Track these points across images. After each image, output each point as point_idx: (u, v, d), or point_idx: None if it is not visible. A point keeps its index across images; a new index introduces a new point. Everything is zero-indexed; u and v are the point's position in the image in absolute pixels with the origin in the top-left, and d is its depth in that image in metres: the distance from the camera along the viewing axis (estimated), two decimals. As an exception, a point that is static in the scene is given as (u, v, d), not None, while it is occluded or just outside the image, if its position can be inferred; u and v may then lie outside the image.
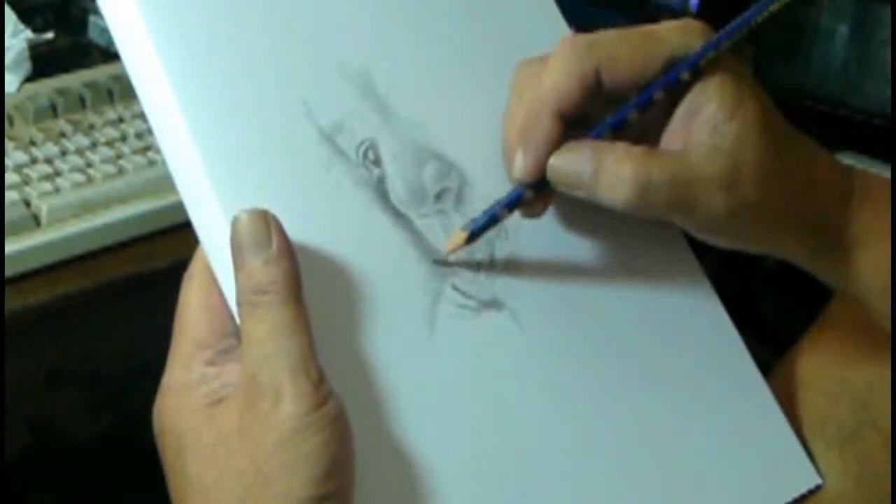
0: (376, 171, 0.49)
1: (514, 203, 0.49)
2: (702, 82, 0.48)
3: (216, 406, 0.44)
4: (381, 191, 0.48)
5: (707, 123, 0.48)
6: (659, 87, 0.48)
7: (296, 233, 0.45)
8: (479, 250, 0.50)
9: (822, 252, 0.52)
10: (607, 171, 0.47)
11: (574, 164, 0.48)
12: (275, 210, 0.45)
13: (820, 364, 0.57)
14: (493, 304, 0.50)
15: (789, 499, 0.54)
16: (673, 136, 0.49)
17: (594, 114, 0.49)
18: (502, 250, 0.50)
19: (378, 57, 0.50)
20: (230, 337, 0.45)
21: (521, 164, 0.48)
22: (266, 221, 0.44)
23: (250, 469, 0.42)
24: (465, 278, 0.49)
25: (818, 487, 0.55)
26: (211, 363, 0.45)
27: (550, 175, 0.48)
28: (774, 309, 0.55)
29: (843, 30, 1.02)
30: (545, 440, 0.49)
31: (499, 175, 0.51)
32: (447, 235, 0.49)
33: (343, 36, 0.50)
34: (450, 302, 0.49)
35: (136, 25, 0.46)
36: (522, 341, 0.50)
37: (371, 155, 0.49)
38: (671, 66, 0.48)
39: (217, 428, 0.43)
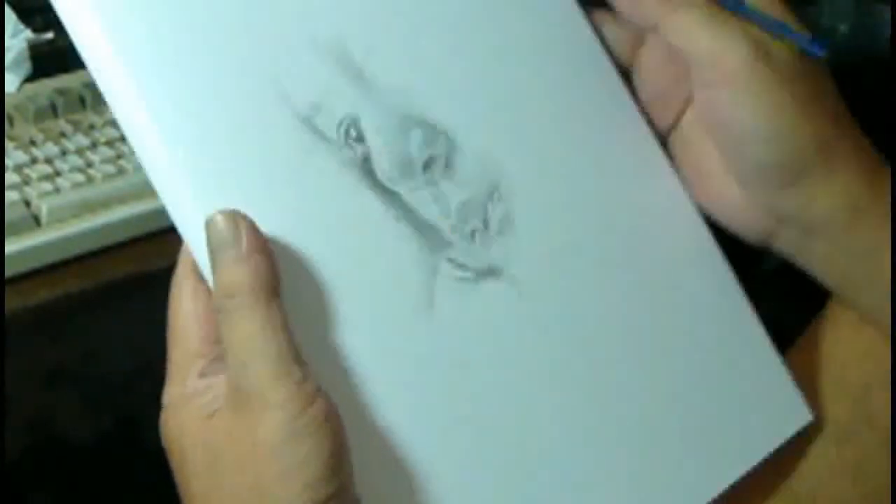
0: (360, 149, 0.47)
1: None
2: None
3: (209, 420, 0.43)
4: (366, 169, 0.46)
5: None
6: None
7: (282, 224, 0.44)
8: (473, 215, 0.48)
9: (829, 256, 0.52)
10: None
11: None
12: (257, 205, 0.43)
13: (818, 363, 0.57)
14: (491, 272, 0.48)
15: (784, 439, 0.54)
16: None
17: None
18: (496, 213, 0.49)
19: (351, 24, 0.47)
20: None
21: None
22: (234, 222, 0.42)
23: (246, 482, 0.41)
24: (460, 249, 0.48)
25: (810, 423, 0.55)
26: (203, 374, 0.44)
27: None
28: (774, 309, 0.55)
29: (843, 30, 1.01)
30: (547, 409, 0.48)
31: (487, 133, 0.49)
32: (438, 206, 0.48)
33: (312, 6, 0.47)
34: (446, 276, 0.47)
35: (84, 15, 0.43)
36: (521, 308, 0.48)
37: (353, 132, 0.46)
38: None
39: (211, 442, 0.43)
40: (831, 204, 0.52)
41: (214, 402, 0.43)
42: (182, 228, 0.45)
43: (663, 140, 0.55)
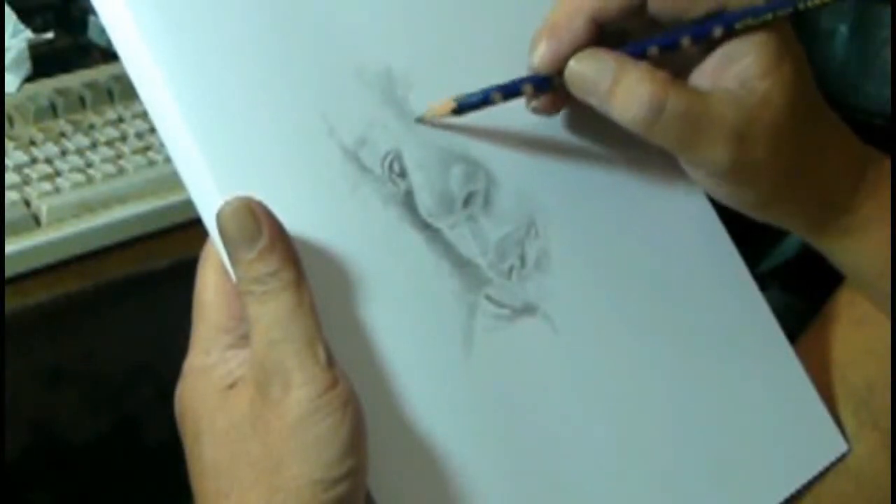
0: (403, 184, 0.47)
1: (510, 91, 0.48)
2: (746, 34, 0.48)
3: (230, 390, 0.44)
4: (409, 205, 0.47)
5: (739, 75, 0.48)
6: (687, 34, 0.48)
7: (328, 257, 0.44)
8: (511, 252, 0.49)
9: (823, 228, 0.52)
10: (626, 86, 0.47)
11: (595, 70, 0.48)
12: (303, 237, 0.44)
13: (820, 363, 0.57)
14: (527, 309, 0.49)
15: (819, 469, 0.54)
16: (703, 75, 0.49)
17: (631, 35, 0.49)
18: (532, 249, 0.49)
19: (395, 56, 0.48)
20: None
21: (540, 54, 0.48)
22: (252, 212, 0.43)
23: (262, 455, 0.42)
24: (498, 286, 0.48)
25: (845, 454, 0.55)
26: (231, 347, 0.45)
27: (568, 76, 0.48)
28: (775, 308, 0.55)
29: (842, 30, 1.01)
30: (579, 440, 0.49)
31: (524, 168, 0.50)
32: (477, 242, 0.48)
33: (358, 36, 0.47)
34: (485, 314, 0.48)
35: (141, 54, 0.43)
36: (556, 343, 0.49)
37: (396, 167, 0.47)
38: (714, 15, 0.48)
39: (230, 413, 0.43)
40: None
41: (237, 370, 0.44)
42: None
43: None
